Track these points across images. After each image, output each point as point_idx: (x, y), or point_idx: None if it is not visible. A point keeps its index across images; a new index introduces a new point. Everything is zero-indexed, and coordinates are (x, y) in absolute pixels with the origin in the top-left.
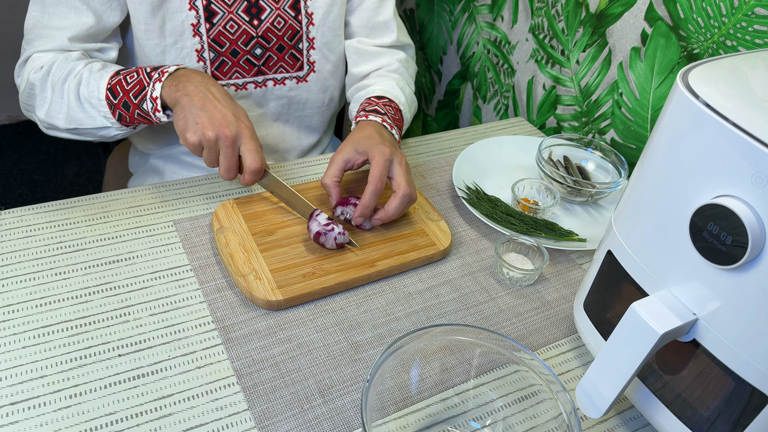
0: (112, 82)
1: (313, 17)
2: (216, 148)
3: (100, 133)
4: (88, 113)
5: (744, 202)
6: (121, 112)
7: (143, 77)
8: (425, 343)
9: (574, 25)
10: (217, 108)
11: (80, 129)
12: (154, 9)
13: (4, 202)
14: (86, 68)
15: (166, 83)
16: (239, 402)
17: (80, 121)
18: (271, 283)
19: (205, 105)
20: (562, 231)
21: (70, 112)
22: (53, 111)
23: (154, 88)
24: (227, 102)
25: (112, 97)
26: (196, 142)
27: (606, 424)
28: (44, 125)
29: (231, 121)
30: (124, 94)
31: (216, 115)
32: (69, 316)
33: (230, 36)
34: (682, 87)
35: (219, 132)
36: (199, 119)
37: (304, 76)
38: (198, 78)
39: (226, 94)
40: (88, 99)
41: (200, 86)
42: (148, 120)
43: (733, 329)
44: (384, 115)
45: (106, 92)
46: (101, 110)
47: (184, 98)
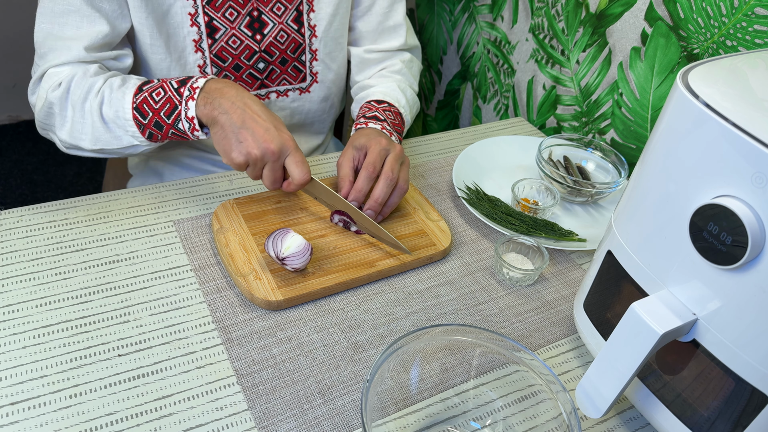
0: (137, 101)
1: (316, 29)
2: (262, 164)
3: (127, 152)
4: (114, 134)
5: (744, 202)
6: (152, 131)
7: (172, 94)
8: (425, 343)
9: (574, 25)
10: (259, 123)
11: (106, 149)
12: (158, 24)
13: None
14: (106, 85)
15: (200, 101)
16: (239, 402)
17: (106, 141)
18: (271, 283)
19: (246, 122)
20: (562, 231)
21: (95, 132)
22: (76, 132)
23: (188, 107)
24: (267, 115)
25: (140, 116)
26: (242, 162)
27: (606, 424)
28: (66, 145)
29: (275, 135)
30: (153, 113)
31: (258, 131)
32: (69, 316)
33: (233, 51)
34: (682, 87)
35: (265, 149)
36: (242, 137)
37: (306, 87)
38: (232, 92)
39: (263, 105)
40: (114, 120)
41: (237, 101)
42: (184, 138)
43: (733, 329)
44: (384, 121)
45: (132, 112)
46: (128, 130)
47: (222, 116)
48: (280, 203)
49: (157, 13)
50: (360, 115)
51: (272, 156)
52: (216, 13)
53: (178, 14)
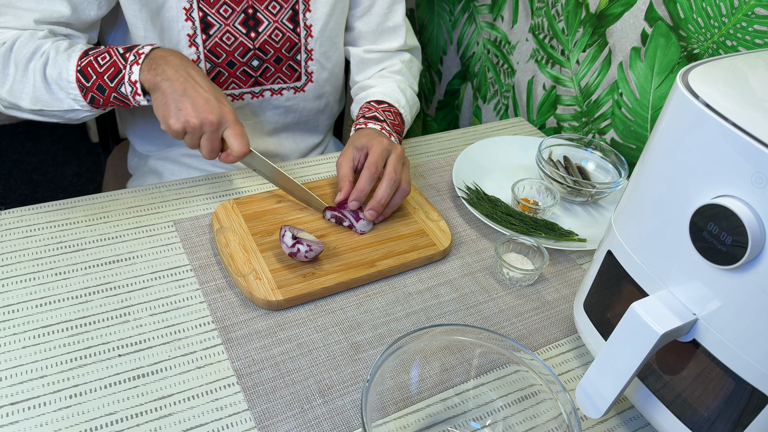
0: (82, 63)
1: (311, 29)
2: (200, 133)
3: (67, 116)
4: (55, 95)
5: (744, 202)
6: (94, 94)
7: (117, 59)
8: (425, 343)
9: (574, 25)
10: (199, 93)
11: (45, 111)
12: (152, 17)
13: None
14: (53, 47)
15: (144, 66)
16: (239, 402)
17: (46, 102)
18: (271, 283)
19: (187, 90)
20: (562, 231)
21: (36, 92)
22: (16, 90)
23: (131, 71)
24: (208, 86)
25: (83, 79)
26: (179, 129)
27: (606, 424)
28: (5, 104)
29: (214, 106)
30: (97, 76)
31: (198, 100)
32: (69, 316)
33: (227, 48)
34: (682, 87)
35: (203, 118)
36: (182, 105)
37: (301, 86)
38: (176, 60)
39: (206, 76)
40: (57, 81)
41: (180, 70)
42: (125, 103)
43: (733, 329)
44: (383, 122)
45: (76, 74)
46: (70, 93)
47: (164, 83)
48: (280, 203)
49: (151, 6)
50: (360, 116)
51: (210, 126)
52: (210, 9)
53: (173, 8)
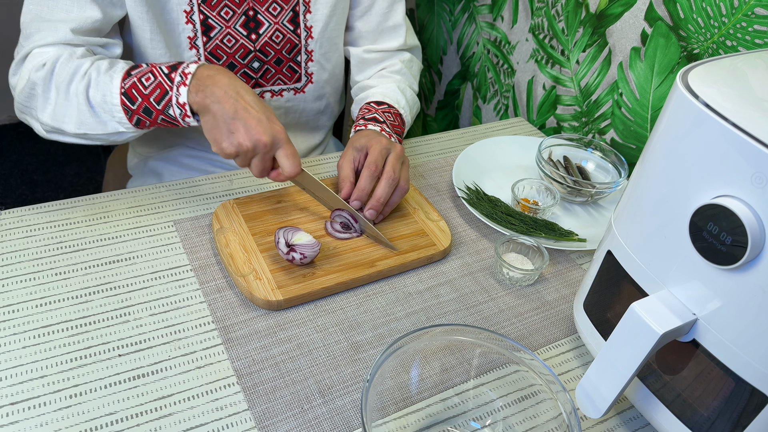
0: (126, 86)
1: (312, 30)
2: (253, 154)
3: (111, 138)
4: (100, 119)
5: (744, 202)
6: (140, 117)
7: (162, 80)
8: (425, 343)
9: (574, 25)
10: (251, 114)
11: (90, 134)
12: (157, 19)
13: (4, 202)
14: (93, 68)
15: (192, 87)
16: (239, 402)
17: (91, 126)
18: (271, 283)
19: (238, 112)
20: (562, 231)
21: (80, 116)
22: (59, 114)
23: (179, 93)
24: (259, 106)
25: (128, 102)
26: (233, 153)
27: (606, 424)
28: (47, 129)
29: (267, 127)
30: (143, 99)
31: (251, 122)
32: (69, 316)
33: (227, 50)
34: (682, 87)
35: (256, 141)
36: (234, 128)
37: (301, 87)
38: (225, 80)
39: (256, 95)
40: (101, 104)
41: (229, 90)
42: (174, 124)
43: (733, 329)
44: (383, 123)
45: (120, 97)
46: (115, 116)
47: (214, 105)
48: (280, 203)
49: (155, 9)
50: (359, 117)
51: (264, 148)
52: (211, 11)
53: (174, 10)
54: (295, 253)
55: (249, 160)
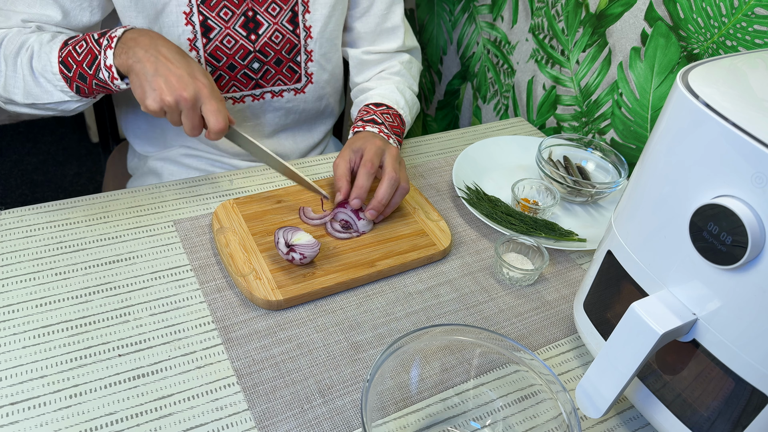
0: (63, 54)
1: (311, 30)
2: (177, 110)
3: (60, 107)
4: (44, 88)
5: (744, 202)
6: (77, 84)
7: (92, 45)
8: (425, 343)
9: (574, 25)
10: (171, 70)
11: (38, 104)
12: (150, 23)
13: (4, 202)
14: (37, 40)
15: (117, 50)
16: (239, 402)
17: (37, 95)
18: (271, 283)
19: (158, 69)
20: (562, 231)
21: (27, 86)
22: (9, 85)
23: (106, 56)
24: (180, 61)
25: (65, 69)
26: (156, 109)
27: (606, 424)
28: (3, 100)
29: (187, 82)
30: (77, 65)
31: (171, 78)
32: (69, 316)
33: (227, 51)
34: (682, 87)
35: (177, 96)
36: (155, 85)
37: (301, 87)
38: (146, 40)
39: (179, 51)
40: (42, 73)
41: (150, 49)
42: (107, 88)
43: (733, 329)
44: (381, 125)
45: (58, 65)
46: (57, 84)
47: (136, 65)
48: (280, 203)
49: (150, 11)
50: (358, 119)
51: (186, 103)
52: (211, 12)
53: (173, 13)
54: (295, 253)
55: (178, 117)
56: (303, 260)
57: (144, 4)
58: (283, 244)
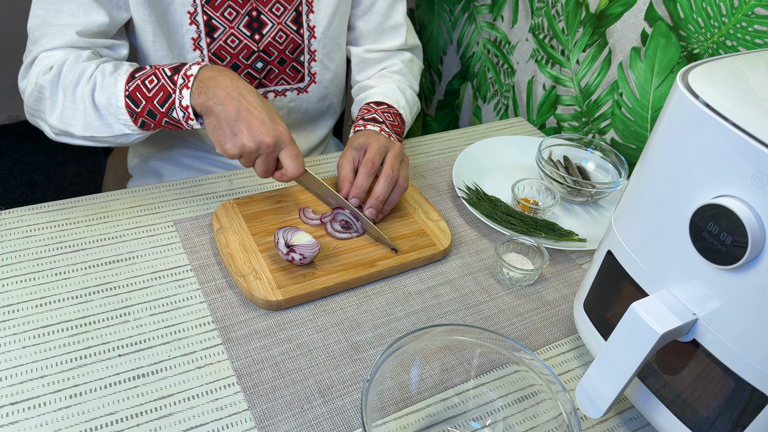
0: (130, 88)
1: (315, 30)
2: (256, 155)
3: (118, 141)
4: (105, 121)
5: (744, 202)
6: (144, 119)
7: (165, 82)
8: (425, 343)
9: (574, 25)
10: (254, 115)
11: (97, 137)
12: (160, 21)
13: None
14: (98, 71)
15: (194, 90)
16: (239, 402)
17: (97, 128)
18: (271, 283)
19: (241, 113)
20: (562, 231)
21: (87, 119)
22: (67, 117)
23: (182, 95)
24: (262, 106)
25: (132, 104)
26: (236, 154)
27: (606, 424)
28: (56, 131)
29: (270, 129)
30: (147, 101)
31: (254, 123)
32: (69, 316)
33: (231, 50)
34: (682, 87)
35: (260, 142)
36: (237, 129)
37: (305, 87)
38: (227, 81)
39: (259, 96)
40: (106, 107)
41: (232, 91)
42: (178, 127)
43: (733, 329)
44: (382, 123)
45: (125, 99)
46: (120, 118)
47: (217, 107)
48: (280, 203)
49: (157, 10)
50: (359, 117)
51: (267, 149)
52: (215, 12)
53: (177, 12)
54: (295, 253)
55: (253, 161)
56: (303, 260)
57: (152, 2)
58: (283, 245)
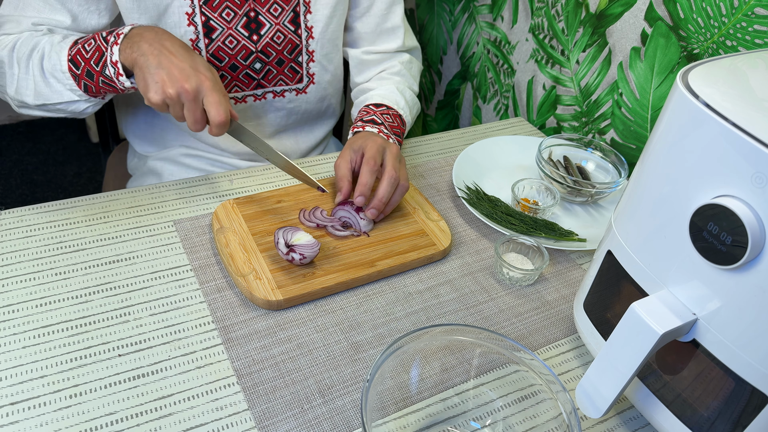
0: (72, 53)
1: (312, 31)
2: (180, 102)
3: (69, 108)
4: (53, 88)
5: (744, 202)
6: (86, 82)
7: (100, 43)
8: (425, 343)
9: (574, 25)
10: (174, 63)
11: (48, 105)
12: (153, 23)
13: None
14: (48, 41)
15: (123, 45)
16: (239, 402)
17: (47, 96)
18: (271, 282)
19: (162, 62)
20: (562, 231)
21: (37, 87)
22: (21, 87)
23: (112, 52)
24: (184, 55)
25: (74, 67)
26: (159, 101)
27: (606, 424)
28: (15, 103)
29: (190, 74)
30: (85, 63)
31: (173, 70)
32: (69, 316)
33: (229, 51)
34: (682, 87)
35: (179, 88)
36: (158, 77)
37: (303, 88)
38: (151, 34)
39: (183, 45)
40: (52, 73)
41: (154, 43)
42: (113, 87)
43: (733, 329)
44: (381, 125)
45: (68, 63)
46: (66, 83)
47: (140, 58)
48: (280, 203)
49: (152, 12)
50: (358, 119)
51: (187, 95)
52: (213, 13)
53: (175, 14)
54: (295, 253)
55: (180, 110)
56: (303, 260)
57: (147, 5)
58: (282, 245)
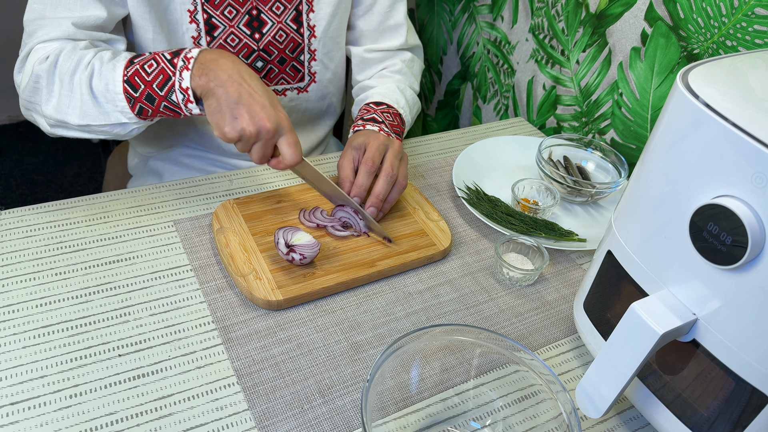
0: (128, 73)
1: (315, 29)
2: (255, 140)
3: (114, 131)
4: (102, 109)
5: (744, 202)
6: (143, 105)
7: (165, 65)
8: (425, 343)
9: (574, 25)
10: (256, 99)
11: (93, 126)
12: (160, 19)
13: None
14: (96, 58)
15: (195, 71)
16: (239, 402)
17: (94, 117)
18: (271, 283)
19: (242, 96)
20: (562, 231)
21: (83, 106)
22: (63, 106)
23: (182, 77)
24: (263, 91)
25: (131, 89)
26: (235, 137)
27: (606, 424)
28: (51, 123)
29: (271, 113)
30: (146, 86)
31: (255, 108)
32: (69, 316)
33: (231, 49)
34: (682, 87)
35: (260, 126)
36: (237, 113)
37: (305, 86)
38: (229, 64)
39: (260, 81)
40: (104, 94)
41: (234, 75)
42: (177, 112)
43: (733, 329)
44: (382, 123)
45: (123, 85)
46: (118, 105)
47: (218, 89)
48: (280, 203)
49: (158, 8)
50: (358, 117)
51: (267, 134)
52: (215, 10)
53: (178, 10)
54: (295, 253)
55: (250, 146)
56: (303, 260)
57: (152, 0)
58: (283, 245)
